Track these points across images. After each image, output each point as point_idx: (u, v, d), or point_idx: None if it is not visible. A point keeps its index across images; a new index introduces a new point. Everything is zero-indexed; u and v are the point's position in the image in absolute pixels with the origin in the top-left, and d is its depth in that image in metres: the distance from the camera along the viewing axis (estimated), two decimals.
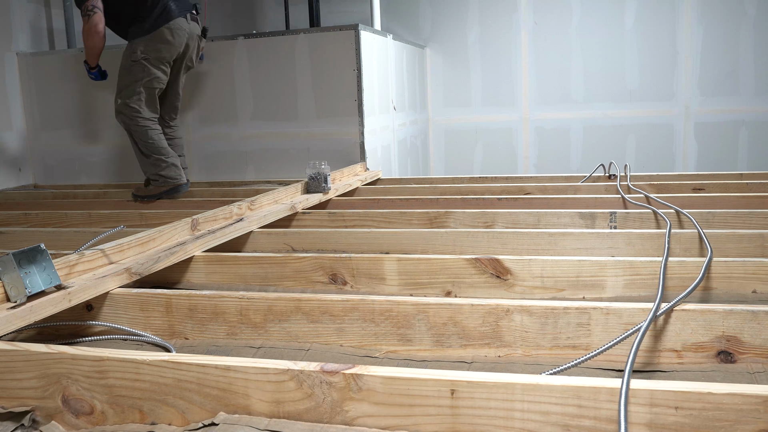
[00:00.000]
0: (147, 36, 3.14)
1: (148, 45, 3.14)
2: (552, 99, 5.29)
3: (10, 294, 1.40)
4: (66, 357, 1.12)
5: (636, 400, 0.91)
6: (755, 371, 1.26)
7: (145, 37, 3.14)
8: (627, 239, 1.99)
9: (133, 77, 3.17)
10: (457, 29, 5.38)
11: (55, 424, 1.13)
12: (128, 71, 3.18)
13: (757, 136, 4.98)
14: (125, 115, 3.19)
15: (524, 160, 5.43)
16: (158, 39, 3.14)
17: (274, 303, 1.51)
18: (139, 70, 3.16)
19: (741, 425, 0.88)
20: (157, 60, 3.17)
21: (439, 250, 2.11)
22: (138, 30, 3.16)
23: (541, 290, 1.72)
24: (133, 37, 3.17)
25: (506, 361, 1.37)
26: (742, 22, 4.89)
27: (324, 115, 3.81)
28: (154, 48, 3.15)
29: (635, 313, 1.33)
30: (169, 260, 1.85)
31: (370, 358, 1.42)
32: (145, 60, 3.15)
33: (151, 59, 3.15)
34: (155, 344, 1.54)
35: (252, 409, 1.05)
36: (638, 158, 5.15)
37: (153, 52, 3.15)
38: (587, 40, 5.16)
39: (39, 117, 4.27)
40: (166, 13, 3.14)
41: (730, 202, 2.56)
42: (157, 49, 3.15)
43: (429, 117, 5.52)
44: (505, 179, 3.43)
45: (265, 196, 2.65)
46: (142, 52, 3.15)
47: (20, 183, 4.22)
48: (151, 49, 3.15)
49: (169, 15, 3.15)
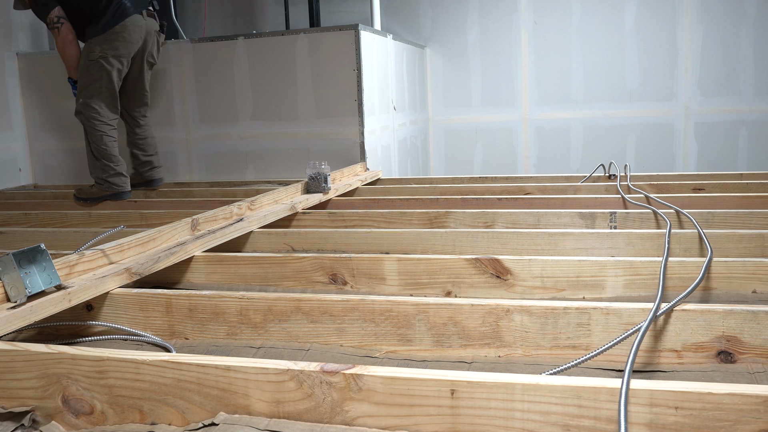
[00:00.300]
0: (103, 35, 3.17)
1: (104, 44, 3.18)
2: (552, 99, 5.28)
3: (10, 294, 1.40)
4: (66, 357, 1.12)
5: (636, 400, 0.91)
6: (755, 371, 1.26)
7: (101, 36, 3.18)
8: (627, 239, 1.99)
9: (91, 77, 3.20)
10: (457, 29, 5.38)
11: (55, 424, 1.13)
12: (87, 71, 3.21)
13: (757, 136, 4.98)
14: (84, 115, 3.24)
15: (524, 160, 5.42)
16: (114, 37, 3.17)
17: (274, 303, 1.51)
18: (97, 69, 3.19)
19: (741, 425, 0.88)
20: (115, 58, 3.20)
21: (439, 250, 2.11)
22: (94, 29, 3.19)
23: (541, 290, 1.72)
24: (90, 36, 3.21)
25: (506, 361, 1.37)
26: (742, 22, 4.89)
27: (324, 115, 3.81)
28: (111, 46, 3.18)
29: (635, 313, 1.33)
30: (169, 260, 1.85)
31: (370, 358, 1.42)
32: (103, 59, 3.18)
33: (109, 57, 3.18)
34: (155, 344, 1.54)
35: (252, 409, 1.05)
36: (638, 158, 5.15)
37: (110, 50, 3.18)
38: (587, 40, 5.16)
39: (39, 117, 4.27)
40: (121, 11, 3.18)
41: (730, 202, 2.56)
42: (114, 47, 3.18)
43: (429, 117, 5.52)
44: (505, 179, 3.43)
45: (265, 196, 2.65)
46: (100, 51, 3.18)
47: (20, 183, 4.22)
48: (107, 47, 3.18)
49: (125, 12, 3.18)
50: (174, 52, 4.02)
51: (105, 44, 3.18)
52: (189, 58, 4.00)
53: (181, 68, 4.02)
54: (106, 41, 3.18)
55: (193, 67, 3.99)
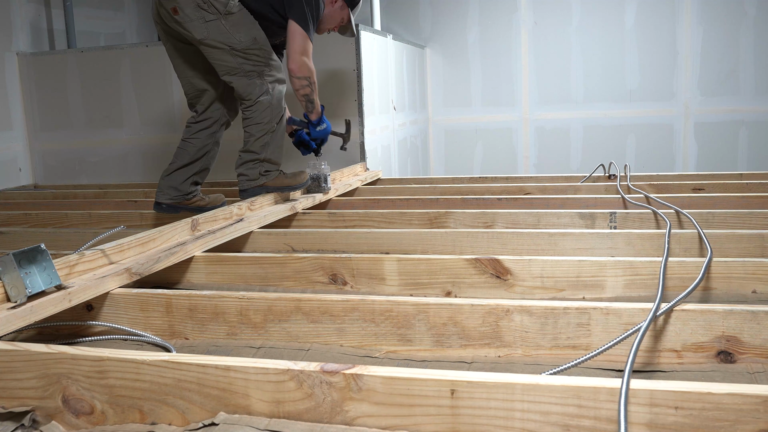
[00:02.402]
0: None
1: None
2: (552, 99, 5.29)
3: (10, 294, 1.40)
4: (66, 357, 1.13)
5: (636, 400, 0.91)
6: (755, 371, 1.26)
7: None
8: (627, 239, 1.99)
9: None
10: (457, 29, 5.38)
11: (55, 424, 1.13)
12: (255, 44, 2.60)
13: (757, 136, 4.98)
14: (272, 94, 2.64)
15: (524, 160, 5.43)
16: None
17: (274, 303, 1.51)
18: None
19: (741, 425, 0.88)
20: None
21: (439, 250, 2.11)
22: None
23: (541, 290, 1.72)
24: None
25: (506, 361, 1.37)
26: (742, 22, 4.89)
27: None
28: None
29: (635, 313, 1.33)
30: (169, 260, 1.85)
31: (370, 358, 1.42)
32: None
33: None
34: (155, 344, 1.54)
35: (252, 409, 1.05)
36: (638, 158, 5.15)
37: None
38: (587, 40, 5.16)
39: (39, 117, 4.27)
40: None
41: (729, 202, 2.56)
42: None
43: (429, 117, 5.52)
44: (505, 179, 3.43)
45: (265, 196, 2.65)
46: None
47: (20, 183, 4.22)
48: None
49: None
50: None
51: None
52: None
53: None
54: None
55: None
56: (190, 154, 2.68)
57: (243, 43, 2.49)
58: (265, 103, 2.56)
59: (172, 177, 2.67)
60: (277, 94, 2.59)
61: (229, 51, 2.49)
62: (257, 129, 2.58)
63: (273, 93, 2.57)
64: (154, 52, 4.05)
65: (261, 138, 2.59)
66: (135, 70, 4.10)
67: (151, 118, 4.13)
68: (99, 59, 4.15)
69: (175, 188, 2.65)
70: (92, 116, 4.21)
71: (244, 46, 2.50)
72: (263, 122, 2.57)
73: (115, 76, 4.13)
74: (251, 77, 2.53)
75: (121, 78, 4.13)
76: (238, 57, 2.50)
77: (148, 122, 4.14)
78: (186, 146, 2.69)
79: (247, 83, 2.54)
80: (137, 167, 4.20)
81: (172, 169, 2.68)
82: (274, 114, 2.59)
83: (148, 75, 4.08)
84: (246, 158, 2.62)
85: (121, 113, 4.16)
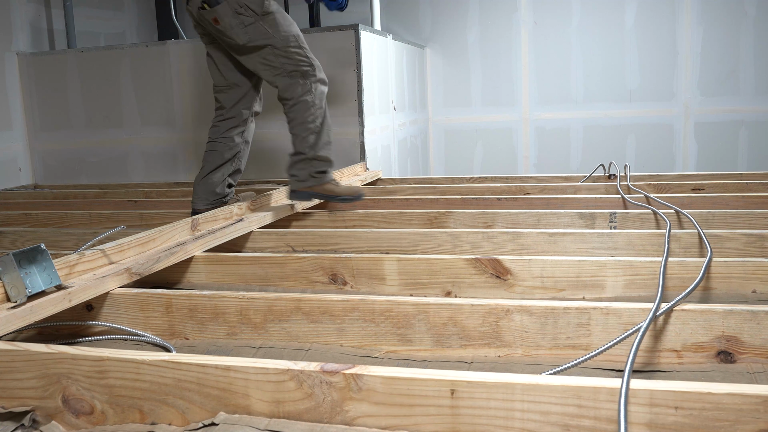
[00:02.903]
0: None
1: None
2: (552, 99, 5.29)
3: (10, 294, 1.40)
4: (66, 357, 1.13)
5: (636, 400, 0.91)
6: (755, 371, 1.26)
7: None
8: (627, 239, 1.99)
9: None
10: (457, 29, 5.38)
11: (56, 424, 1.13)
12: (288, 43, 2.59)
13: (757, 136, 4.98)
14: (314, 93, 2.63)
15: (524, 160, 5.43)
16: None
17: (274, 303, 1.51)
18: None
19: (741, 425, 0.88)
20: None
21: (439, 250, 2.11)
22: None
23: (541, 290, 1.72)
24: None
25: (506, 361, 1.37)
26: (742, 22, 4.89)
27: None
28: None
29: (635, 313, 1.33)
30: (169, 260, 1.85)
31: (370, 358, 1.42)
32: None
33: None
34: (155, 344, 1.54)
35: (252, 409, 1.05)
36: (638, 158, 5.15)
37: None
38: (587, 40, 5.16)
39: (39, 117, 4.27)
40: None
41: (729, 202, 2.56)
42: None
43: (429, 117, 5.52)
44: (505, 179, 3.43)
45: (265, 196, 2.65)
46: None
47: (20, 183, 4.23)
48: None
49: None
50: (174, 52, 4.02)
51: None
52: (189, 58, 3.99)
53: (181, 68, 4.02)
54: None
55: (193, 67, 3.99)
56: (221, 154, 2.64)
57: (283, 41, 2.49)
58: (308, 102, 2.54)
59: (208, 181, 2.62)
60: (319, 94, 2.57)
61: (271, 51, 2.49)
62: (302, 129, 2.56)
63: (315, 93, 2.56)
64: (154, 52, 4.06)
65: (307, 138, 2.55)
66: (135, 70, 4.10)
67: (151, 118, 4.13)
68: (99, 59, 4.15)
69: (213, 192, 2.61)
70: (92, 116, 4.21)
71: (285, 44, 2.49)
72: (307, 121, 2.55)
73: (115, 76, 4.13)
74: (294, 77, 2.52)
75: (121, 78, 4.13)
76: (279, 57, 2.50)
77: (148, 122, 4.14)
78: (216, 147, 2.66)
79: (289, 83, 2.53)
80: (137, 167, 4.20)
81: (205, 172, 2.64)
82: (317, 113, 2.57)
83: (148, 75, 4.08)
84: (295, 159, 2.59)
85: (121, 113, 4.16)
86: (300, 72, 2.53)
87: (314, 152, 2.57)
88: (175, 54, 4.01)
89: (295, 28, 2.55)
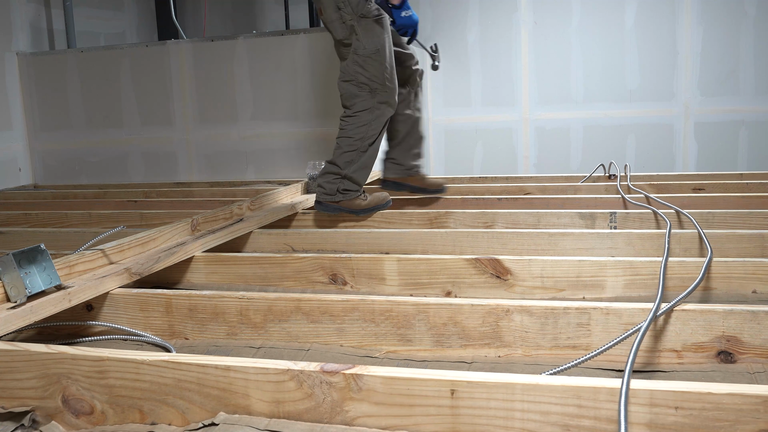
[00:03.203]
0: None
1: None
2: (552, 99, 5.28)
3: (10, 294, 1.40)
4: (66, 357, 1.12)
5: (636, 400, 0.91)
6: (755, 371, 1.26)
7: None
8: (627, 239, 1.99)
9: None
10: (457, 29, 5.38)
11: (55, 424, 1.13)
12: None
13: (757, 136, 4.98)
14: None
15: (524, 160, 5.42)
16: None
17: (274, 303, 1.51)
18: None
19: (741, 425, 0.88)
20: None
21: (439, 250, 2.11)
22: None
23: (541, 290, 1.72)
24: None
25: (506, 361, 1.37)
26: (742, 22, 4.89)
27: (324, 115, 3.81)
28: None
29: (635, 313, 1.33)
30: (169, 260, 1.85)
31: (370, 358, 1.42)
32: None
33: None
34: (155, 344, 1.54)
35: (252, 409, 1.05)
36: (638, 158, 5.15)
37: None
38: (587, 40, 5.16)
39: (39, 117, 4.27)
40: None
41: (730, 202, 2.55)
42: None
43: (429, 117, 5.52)
44: (505, 179, 3.43)
45: (265, 196, 2.65)
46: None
47: (20, 183, 4.22)
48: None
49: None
50: (174, 52, 4.02)
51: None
52: (189, 58, 3.99)
53: (181, 68, 4.02)
54: None
55: (193, 67, 3.99)
56: (398, 131, 2.72)
57: (366, 50, 2.45)
58: (363, 119, 2.49)
59: (396, 152, 2.72)
60: (380, 116, 2.52)
61: (351, 55, 2.48)
62: (346, 143, 2.52)
63: (376, 113, 2.50)
64: (154, 52, 4.06)
65: (347, 153, 2.51)
66: (135, 70, 4.10)
67: (151, 118, 4.13)
68: (99, 59, 4.15)
69: (399, 164, 2.68)
70: (92, 116, 4.21)
71: (366, 53, 2.46)
72: (354, 137, 2.50)
73: (115, 76, 4.13)
74: (362, 89, 2.49)
75: (121, 78, 4.13)
76: (356, 65, 2.47)
77: (148, 122, 4.14)
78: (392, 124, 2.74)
79: (355, 93, 2.50)
80: (137, 167, 4.20)
81: (393, 145, 2.74)
82: (369, 133, 2.51)
83: (148, 75, 4.08)
84: (328, 169, 2.55)
85: (121, 113, 4.16)
86: (370, 87, 2.48)
87: (348, 171, 2.52)
88: (175, 54, 4.01)
89: (386, 42, 2.49)
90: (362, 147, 2.51)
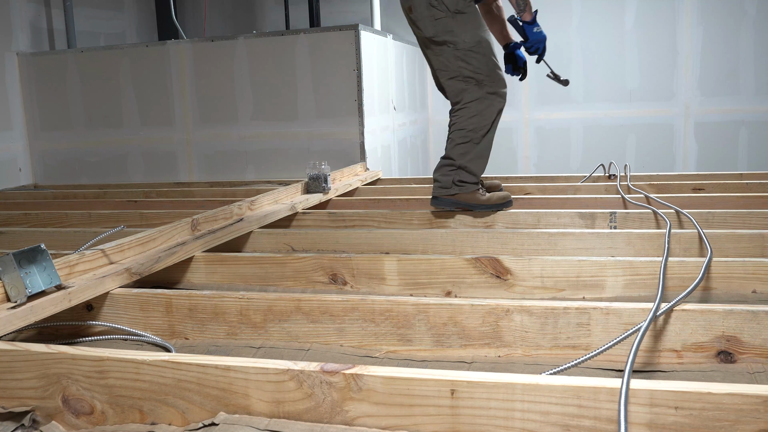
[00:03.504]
0: None
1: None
2: (552, 99, 5.29)
3: (10, 294, 1.40)
4: (66, 357, 1.12)
5: (636, 400, 0.91)
6: (755, 371, 1.26)
7: None
8: (627, 239, 1.99)
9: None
10: None
11: (55, 424, 1.13)
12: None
13: (757, 136, 4.98)
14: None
15: (524, 160, 5.43)
16: None
17: (274, 303, 1.51)
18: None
19: (741, 425, 0.88)
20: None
21: (439, 250, 2.11)
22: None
23: (541, 290, 1.72)
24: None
25: (506, 361, 1.37)
26: (742, 22, 4.89)
27: (324, 115, 3.81)
28: None
29: (635, 313, 1.33)
30: (170, 260, 1.85)
31: (370, 358, 1.42)
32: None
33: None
34: (155, 344, 1.54)
35: (252, 409, 1.05)
36: (638, 158, 5.15)
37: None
38: (587, 40, 5.16)
39: (39, 117, 4.27)
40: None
41: (729, 202, 2.56)
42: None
43: (429, 117, 5.52)
44: (505, 179, 3.43)
45: (265, 196, 2.65)
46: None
47: (20, 183, 4.23)
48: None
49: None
50: (174, 52, 4.02)
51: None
52: (189, 58, 4.00)
53: (181, 68, 4.02)
54: None
55: (193, 67, 3.99)
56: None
57: (467, 44, 2.44)
58: (473, 109, 2.46)
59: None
60: (490, 106, 2.48)
61: (452, 51, 2.46)
62: (459, 135, 2.49)
63: (485, 102, 2.47)
64: (154, 52, 4.06)
65: (461, 145, 2.48)
66: (135, 70, 4.10)
67: (151, 118, 4.13)
68: (99, 59, 4.15)
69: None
70: (92, 116, 4.21)
71: (467, 47, 2.44)
72: (467, 128, 2.47)
73: (115, 76, 4.13)
74: (468, 83, 2.47)
75: (121, 78, 4.13)
76: (459, 60, 2.46)
77: (148, 122, 4.14)
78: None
79: (462, 88, 2.48)
80: (137, 167, 4.21)
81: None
82: (481, 124, 2.47)
83: (148, 75, 4.08)
84: (442, 163, 2.52)
85: (121, 113, 4.16)
86: (475, 80, 2.46)
87: (463, 161, 2.48)
88: (175, 54, 4.01)
89: (485, 34, 2.48)
90: (475, 138, 2.48)
